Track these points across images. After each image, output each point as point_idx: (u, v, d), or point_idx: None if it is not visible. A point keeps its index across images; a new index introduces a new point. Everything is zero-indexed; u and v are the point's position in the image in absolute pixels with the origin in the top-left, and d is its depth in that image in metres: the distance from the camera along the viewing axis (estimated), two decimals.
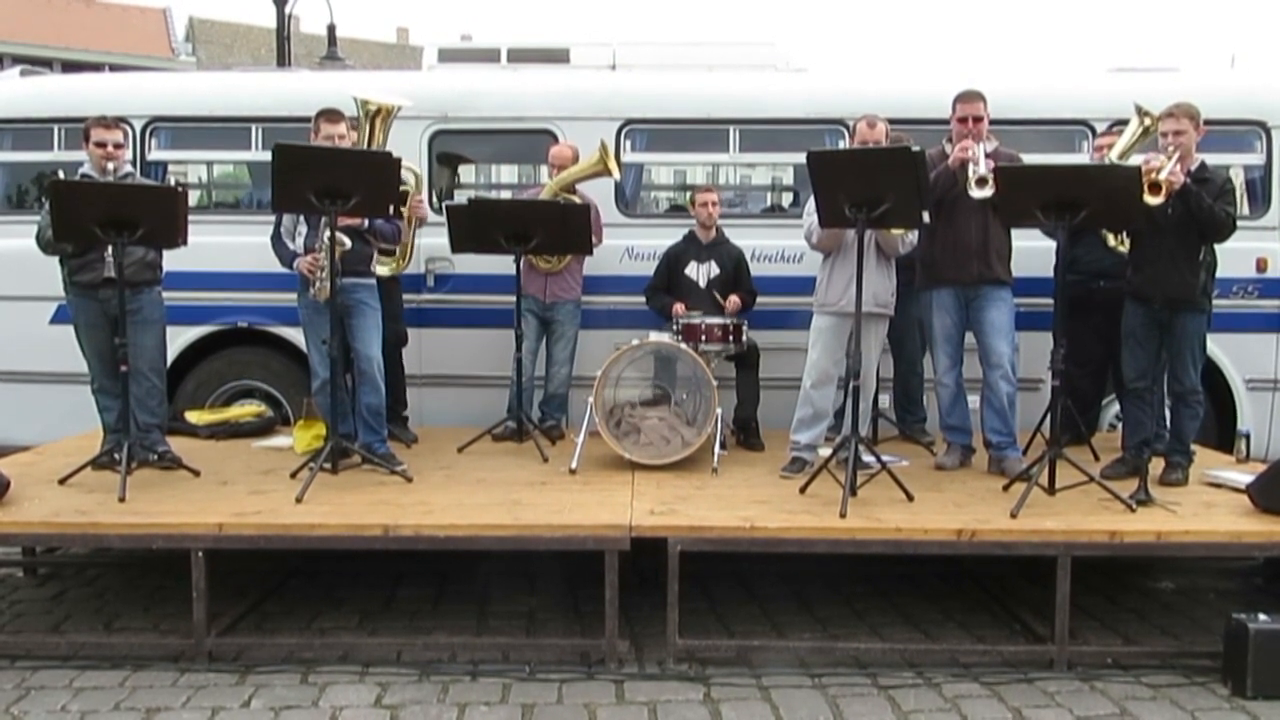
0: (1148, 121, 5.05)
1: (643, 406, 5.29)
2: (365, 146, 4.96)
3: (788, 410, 5.11)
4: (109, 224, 4.39)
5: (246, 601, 4.42)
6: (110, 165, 4.76)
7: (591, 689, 3.71)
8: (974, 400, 5.16)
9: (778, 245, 6.03)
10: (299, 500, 4.28)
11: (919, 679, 3.83)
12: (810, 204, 4.82)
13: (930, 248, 5.00)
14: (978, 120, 4.83)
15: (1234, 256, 5.35)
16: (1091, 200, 4.23)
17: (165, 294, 5.05)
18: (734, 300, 5.61)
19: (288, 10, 14.53)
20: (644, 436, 5.09)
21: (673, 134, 6.30)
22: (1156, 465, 4.78)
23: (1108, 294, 5.08)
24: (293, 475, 4.67)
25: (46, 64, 21.47)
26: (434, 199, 6.16)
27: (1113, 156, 5.11)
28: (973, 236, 4.86)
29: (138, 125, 6.11)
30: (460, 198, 6.41)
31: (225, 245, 5.88)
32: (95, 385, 5.01)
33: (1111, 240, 5.20)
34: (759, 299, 5.79)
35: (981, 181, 4.62)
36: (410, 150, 5.66)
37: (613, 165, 5.73)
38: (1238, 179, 6.00)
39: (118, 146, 4.82)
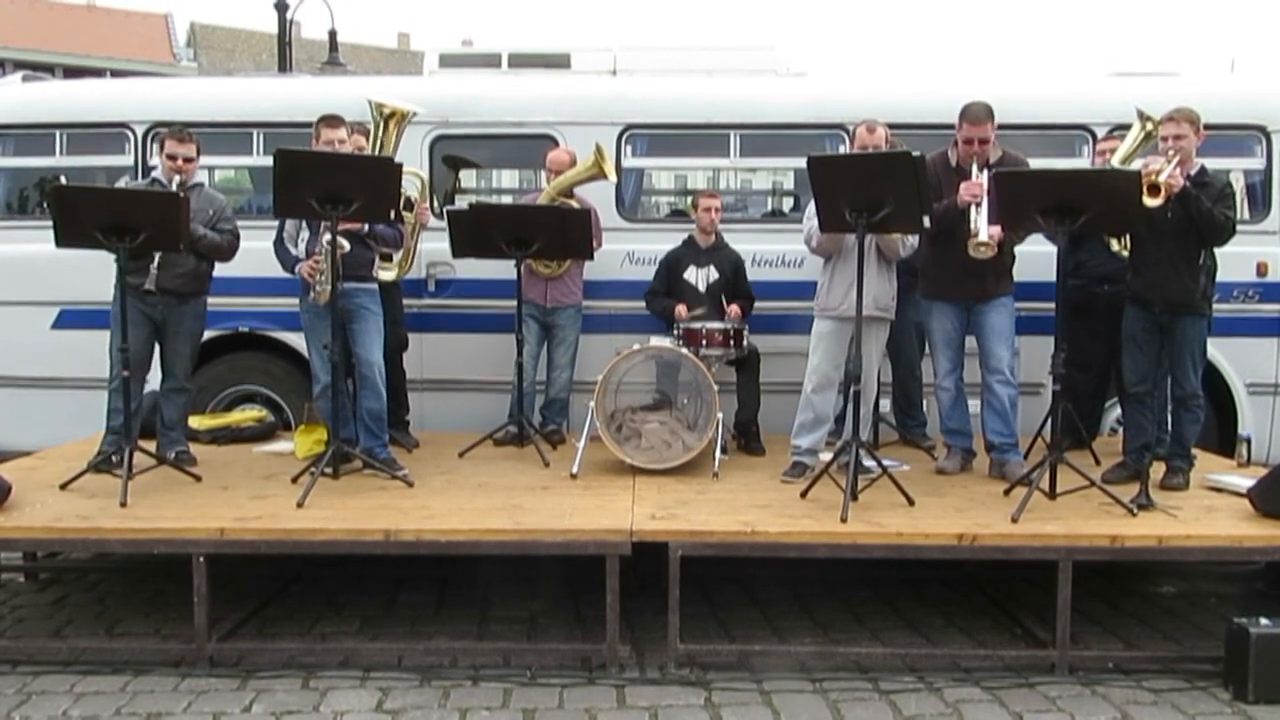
0: (1149, 126, 5.04)
1: (644, 411, 5.29)
2: (377, 150, 4.98)
3: (788, 415, 5.11)
4: (110, 229, 4.40)
5: (248, 606, 4.41)
6: (179, 177, 4.88)
7: (593, 694, 3.71)
8: (974, 404, 5.16)
9: (778, 250, 6.03)
10: (300, 505, 4.28)
11: (920, 683, 3.83)
12: (810, 208, 4.83)
13: (931, 260, 5.00)
14: (984, 143, 4.79)
15: (1234, 261, 5.36)
16: (1092, 205, 4.23)
17: None
18: (735, 309, 5.60)
19: (289, 16, 14.58)
20: (645, 441, 5.09)
21: (673, 139, 6.30)
22: (1157, 469, 4.77)
23: (1111, 298, 5.07)
24: (294, 480, 4.68)
25: (48, 69, 21.46)
26: (435, 204, 6.16)
27: (1115, 161, 5.10)
28: (974, 261, 4.80)
29: (139, 131, 6.12)
30: (461, 202, 6.42)
31: None
32: (114, 385, 4.96)
33: (1115, 245, 5.20)
34: (759, 304, 5.79)
35: (982, 246, 4.50)
36: (411, 155, 5.67)
37: (608, 168, 5.73)
38: (1238, 183, 6.00)
39: (188, 160, 4.94)
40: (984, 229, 4.53)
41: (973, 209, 4.61)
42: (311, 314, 4.99)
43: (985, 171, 4.68)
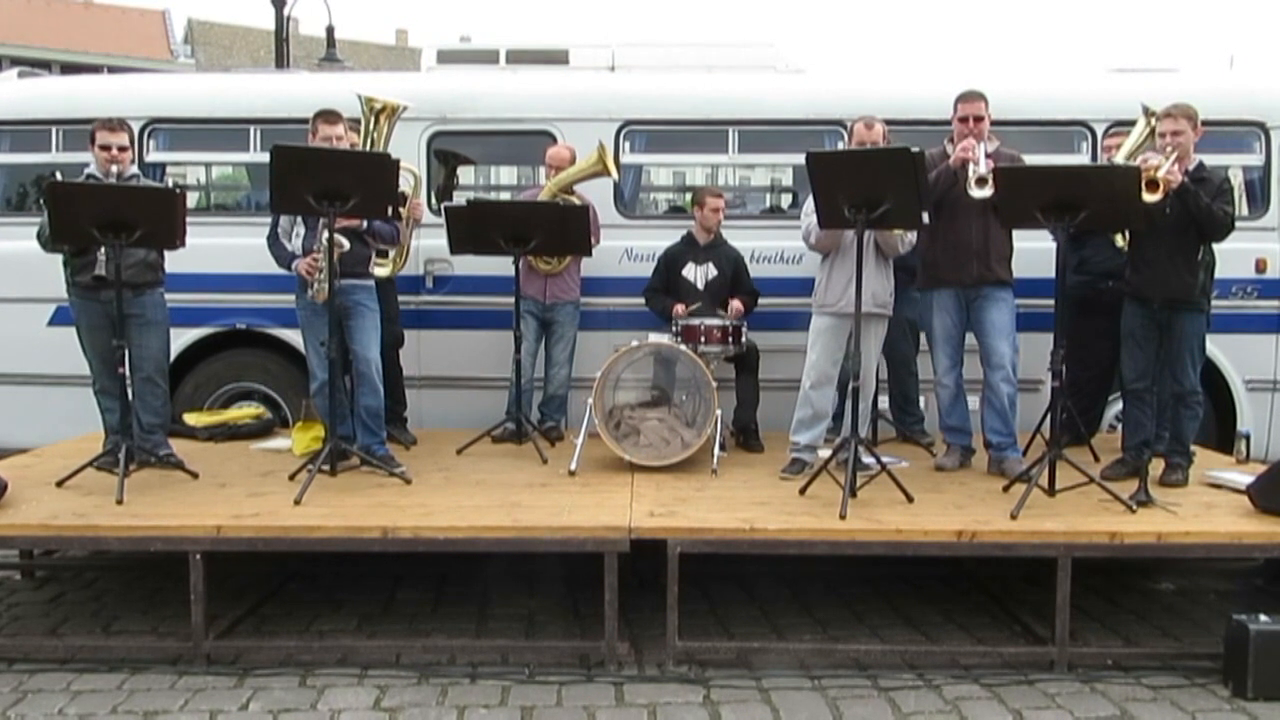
0: (1154, 121, 5.03)
1: (642, 408, 5.28)
2: (368, 145, 4.96)
3: (787, 411, 5.11)
4: (106, 226, 4.38)
5: (245, 604, 4.40)
6: (114, 168, 4.76)
7: (591, 691, 3.70)
8: (974, 401, 5.16)
9: (777, 246, 6.02)
10: (297, 502, 4.27)
11: (919, 681, 3.82)
12: (809, 204, 4.82)
13: (931, 248, 5.00)
14: (979, 120, 4.83)
15: (1233, 257, 5.36)
16: (1091, 201, 4.22)
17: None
18: (735, 306, 5.59)
19: (286, 12, 14.55)
20: (643, 438, 5.08)
21: (672, 135, 6.28)
22: (1156, 466, 4.77)
23: (1115, 294, 5.04)
24: (291, 477, 4.66)
25: (45, 65, 21.47)
26: (433, 200, 6.15)
27: (1120, 157, 5.10)
28: (973, 238, 4.86)
29: (136, 127, 6.05)
30: (459, 199, 6.40)
31: (224, 247, 5.87)
32: (97, 386, 5.01)
33: (1120, 241, 5.19)
34: (758, 300, 5.77)
35: (981, 181, 4.62)
36: (409, 151, 5.66)
37: (611, 165, 5.72)
38: (1237, 180, 5.99)
39: (122, 149, 4.81)
40: (983, 163, 4.65)
41: (970, 166, 4.68)
42: (308, 311, 4.98)
43: (982, 145, 4.75)
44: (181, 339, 5.91)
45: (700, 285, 5.70)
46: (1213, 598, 4.82)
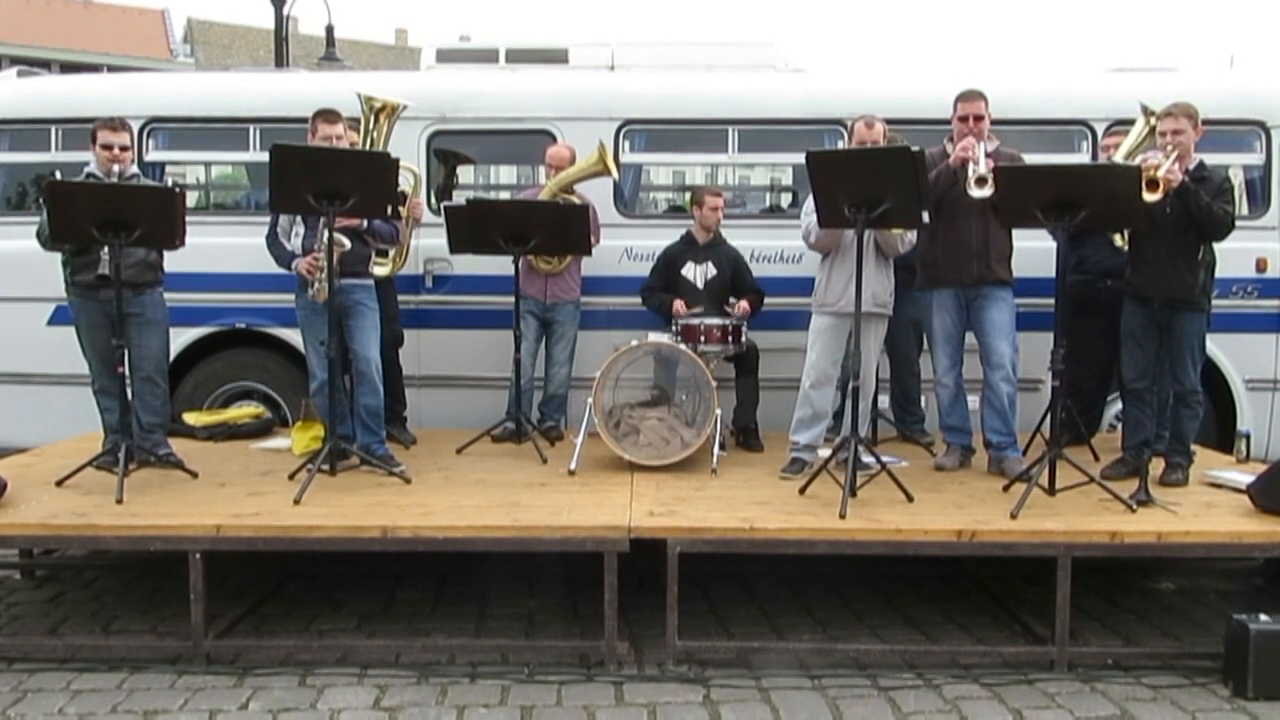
0: (1153, 121, 5.03)
1: (642, 407, 5.27)
2: (367, 144, 4.96)
3: (787, 411, 5.10)
4: (106, 225, 4.38)
5: (244, 603, 4.40)
6: (116, 168, 4.76)
7: (591, 691, 3.70)
8: (974, 401, 5.15)
9: (777, 246, 6.02)
10: (297, 502, 4.26)
11: (919, 680, 3.82)
12: (809, 204, 4.82)
13: (931, 248, 5.00)
14: (979, 119, 4.83)
15: (1234, 256, 5.36)
16: (1091, 201, 4.22)
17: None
18: (743, 305, 5.56)
19: (286, 11, 14.53)
20: (643, 437, 5.08)
21: (671, 134, 6.28)
22: (1156, 466, 4.77)
23: (1113, 294, 5.05)
24: (291, 477, 4.66)
25: (45, 65, 21.44)
26: (432, 200, 6.15)
27: (1119, 156, 5.10)
28: (973, 237, 4.86)
29: (135, 126, 6.05)
30: (459, 198, 6.40)
31: (223, 246, 5.87)
32: (96, 386, 5.01)
33: (1119, 240, 5.19)
34: (764, 299, 5.77)
35: (980, 181, 4.62)
36: (408, 151, 5.65)
37: (611, 165, 5.72)
38: (1237, 179, 5.99)
39: (124, 149, 4.81)
40: (983, 163, 4.66)
41: (970, 166, 4.68)
42: (308, 310, 4.98)
43: (982, 145, 4.76)
44: (181, 338, 5.91)
45: (700, 285, 5.70)
46: (1213, 598, 4.82)
